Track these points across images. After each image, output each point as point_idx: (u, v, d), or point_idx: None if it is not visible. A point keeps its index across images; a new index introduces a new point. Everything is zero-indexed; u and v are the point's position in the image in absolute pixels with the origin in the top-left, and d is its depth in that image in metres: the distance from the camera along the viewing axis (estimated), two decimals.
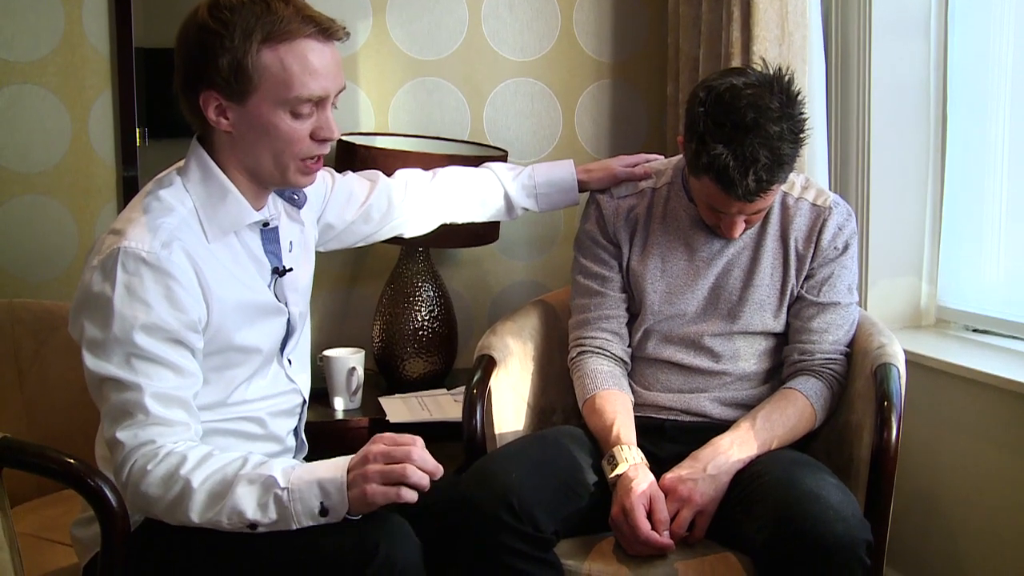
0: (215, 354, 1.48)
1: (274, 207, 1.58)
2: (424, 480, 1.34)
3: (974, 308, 2.28)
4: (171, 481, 1.36)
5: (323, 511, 1.35)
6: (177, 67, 1.46)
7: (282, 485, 1.34)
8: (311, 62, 1.41)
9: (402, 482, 1.33)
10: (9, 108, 2.46)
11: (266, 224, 1.55)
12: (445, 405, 2.31)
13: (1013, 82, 2.15)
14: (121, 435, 1.38)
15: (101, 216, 2.52)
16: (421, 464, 1.34)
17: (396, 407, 2.29)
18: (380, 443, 1.36)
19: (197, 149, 1.51)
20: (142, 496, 1.38)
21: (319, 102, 1.45)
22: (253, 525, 1.36)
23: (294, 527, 1.35)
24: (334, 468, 1.36)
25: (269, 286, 1.56)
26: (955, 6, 2.27)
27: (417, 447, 1.36)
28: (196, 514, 1.36)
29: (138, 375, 1.38)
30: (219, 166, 1.49)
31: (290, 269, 1.59)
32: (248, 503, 1.34)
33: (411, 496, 1.34)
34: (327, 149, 1.50)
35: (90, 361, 1.40)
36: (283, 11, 1.40)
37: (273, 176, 1.50)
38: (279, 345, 1.60)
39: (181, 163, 1.54)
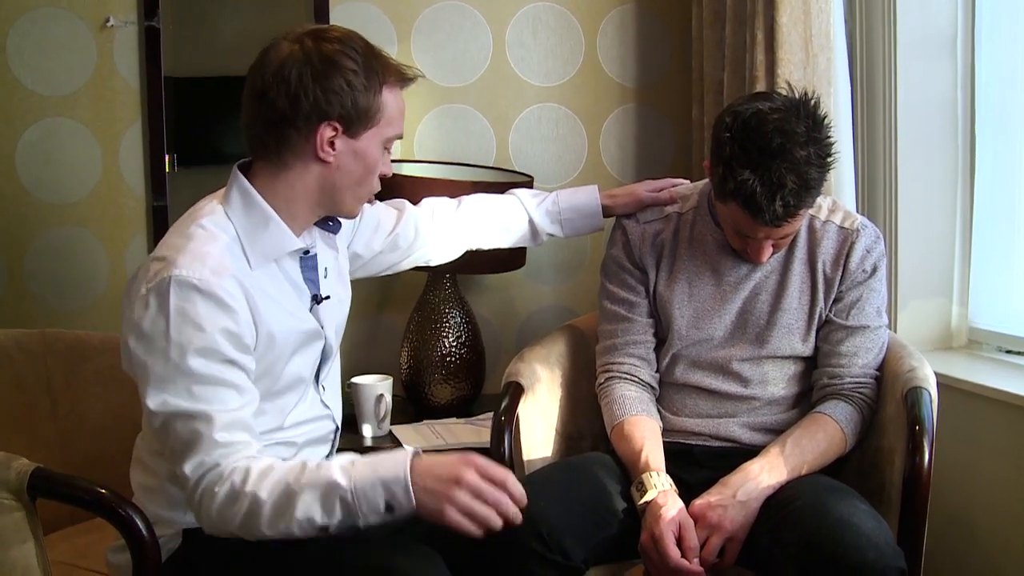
0: (263, 377, 1.50)
1: (310, 235, 1.60)
2: (499, 524, 1.36)
3: (1006, 328, 2.25)
4: (239, 498, 1.37)
5: (388, 508, 1.36)
6: (288, 96, 1.45)
7: (345, 486, 1.36)
8: (403, 106, 1.56)
9: (484, 524, 1.35)
10: (43, 141, 2.50)
11: (307, 252, 1.58)
12: (459, 433, 2.32)
13: None
14: (188, 468, 1.39)
15: (131, 246, 2.56)
16: (505, 514, 1.36)
17: (409, 436, 2.31)
18: (473, 470, 1.36)
19: (239, 177, 1.52)
20: (215, 518, 1.40)
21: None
22: (324, 528, 1.38)
23: (361, 524, 1.37)
24: (394, 466, 1.36)
25: (310, 312, 1.59)
26: (982, 23, 2.24)
27: (509, 485, 1.37)
28: (267, 527, 1.38)
29: (200, 402, 1.39)
30: (261, 195, 1.51)
31: (327, 297, 1.61)
32: (315, 510, 1.36)
33: (478, 533, 1.36)
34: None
35: (152, 399, 1.40)
36: (391, 58, 1.54)
37: (339, 208, 1.56)
38: (315, 371, 1.61)
39: (218, 192, 1.55)
